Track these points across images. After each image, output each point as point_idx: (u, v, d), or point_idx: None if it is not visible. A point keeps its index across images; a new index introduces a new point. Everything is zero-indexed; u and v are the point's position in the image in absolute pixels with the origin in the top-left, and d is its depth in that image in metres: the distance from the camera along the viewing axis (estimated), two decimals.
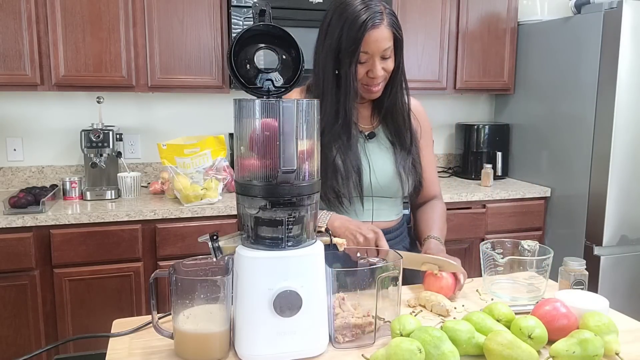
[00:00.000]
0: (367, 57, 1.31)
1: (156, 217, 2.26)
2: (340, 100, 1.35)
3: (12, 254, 2.11)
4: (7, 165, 2.66)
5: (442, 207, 1.57)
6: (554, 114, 2.83)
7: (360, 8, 1.28)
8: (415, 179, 1.47)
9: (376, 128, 1.47)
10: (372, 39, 1.28)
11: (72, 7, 2.34)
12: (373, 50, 1.29)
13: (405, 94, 1.43)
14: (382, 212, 1.45)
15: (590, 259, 2.53)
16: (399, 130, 1.44)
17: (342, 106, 1.35)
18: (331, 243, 1.03)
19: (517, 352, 0.89)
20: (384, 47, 1.30)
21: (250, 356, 0.94)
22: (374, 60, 1.31)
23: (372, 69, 1.32)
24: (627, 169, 2.53)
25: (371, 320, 1.02)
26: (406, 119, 1.44)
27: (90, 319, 2.24)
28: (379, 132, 1.46)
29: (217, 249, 0.95)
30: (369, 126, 1.46)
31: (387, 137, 1.46)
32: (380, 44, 1.29)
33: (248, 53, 0.97)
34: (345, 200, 1.38)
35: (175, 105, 2.86)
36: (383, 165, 1.43)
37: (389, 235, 1.43)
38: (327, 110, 1.35)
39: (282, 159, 0.90)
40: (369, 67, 1.32)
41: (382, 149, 1.45)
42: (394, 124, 1.44)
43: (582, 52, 2.62)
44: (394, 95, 1.41)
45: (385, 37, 1.29)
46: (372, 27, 1.27)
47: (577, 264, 1.22)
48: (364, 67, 1.33)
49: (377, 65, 1.31)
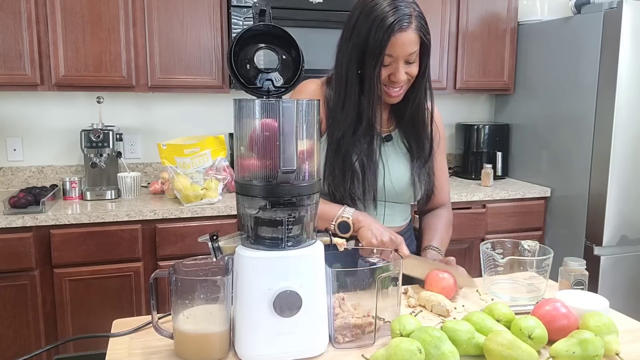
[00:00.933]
0: (391, 60, 1.27)
1: (156, 217, 2.26)
2: (362, 103, 1.32)
3: (12, 254, 2.11)
4: (7, 165, 2.66)
5: (448, 216, 1.55)
6: (554, 114, 2.83)
7: (389, 10, 1.23)
8: (429, 187, 1.45)
9: (393, 131, 1.43)
10: (398, 42, 1.24)
11: (72, 7, 2.34)
12: (398, 54, 1.26)
13: (429, 100, 1.39)
14: (392, 217, 1.44)
15: (590, 259, 2.53)
16: (418, 138, 1.41)
17: (365, 109, 1.32)
18: (331, 243, 1.02)
19: (517, 352, 0.89)
20: (410, 51, 1.26)
21: (250, 356, 0.94)
22: (398, 64, 1.27)
23: (395, 72, 1.28)
24: (627, 169, 2.53)
25: (371, 320, 1.02)
26: (427, 127, 1.41)
27: (90, 319, 2.24)
28: (395, 135, 1.43)
29: (217, 249, 0.95)
30: (385, 128, 1.43)
31: (404, 141, 1.43)
32: (407, 48, 1.25)
33: (248, 53, 0.97)
34: (359, 204, 1.36)
35: (175, 105, 2.86)
36: (398, 171, 1.41)
37: None
38: (349, 112, 1.32)
39: (282, 159, 0.90)
40: (392, 71, 1.29)
41: (397, 153, 1.42)
42: (414, 131, 1.41)
43: (582, 52, 2.62)
44: (418, 102, 1.37)
45: (412, 41, 1.25)
46: (400, 30, 1.23)
47: (577, 264, 1.22)
48: (386, 70, 1.29)
49: (400, 70, 1.28)
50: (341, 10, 2.60)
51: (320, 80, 1.43)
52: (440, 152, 1.52)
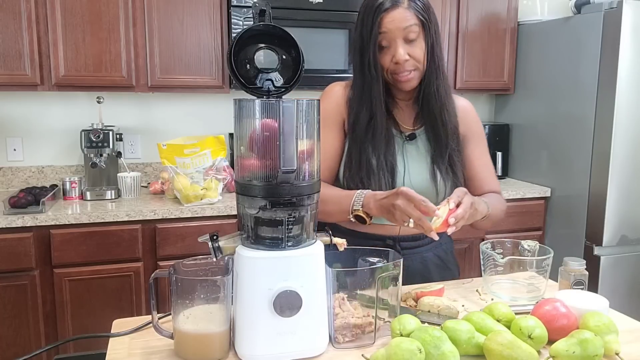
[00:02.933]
0: (388, 39, 1.25)
1: (156, 217, 2.26)
2: (366, 93, 1.30)
3: (12, 254, 2.11)
4: (7, 165, 2.66)
5: (499, 196, 1.45)
6: (554, 114, 2.83)
7: None
8: (456, 184, 1.37)
9: (418, 129, 1.39)
10: (388, 19, 1.23)
11: (72, 7, 2.34)
12: (391, 30, 1.23)
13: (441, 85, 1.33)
14: None
15: (590, 259, 2.53)
16: (434, 126, 1.35)
17: (368, 99, 1.30)
18: (331, 243, 1.03)
19: (517, 352, 0.89)
20: (403, 26, 1.23)
21: (250, 356, 0.94)
22: (396, 43, 1.24)
23: (395, 52, 1.25)
24: (627, 169, 2.53)
25: (371, 320, 1.02)
26: (443, 113, 1.34)
27: (90, 319, 2.24)
28: (420, 134, 1.39)
29: (217, 249, 0.95)
30: (410, 127, 1.39)
31: (429, 139, 1.39)
32: (399, 24, 1.23)
33: (248, 53, 0.97)
34: None
35: (175, 105, 2.86)
36: (419, 169, 1.37)
37: (416, 242, 1.40)
38: (360, 106, 1.31)
39: (282, 159, 0.90)
40: (392, 53, 1.26)
41: (420, 152, 1.38)
42: (430, 119, 1.36)
43: (582, 52, 2.62)
44: (427, 85, 1.32)
45: (403, 17, 1.23)
46: (390, 9, 1.22)
47: (577, 264, 1.22)
48: (387, 54, 1.27)
49: (399, 48, 1.24)
50: (341, 10, 2.60)
51: (345, 82, 1.42)
52: (477, 146, 1.46)
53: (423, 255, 1.42)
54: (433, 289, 1.20)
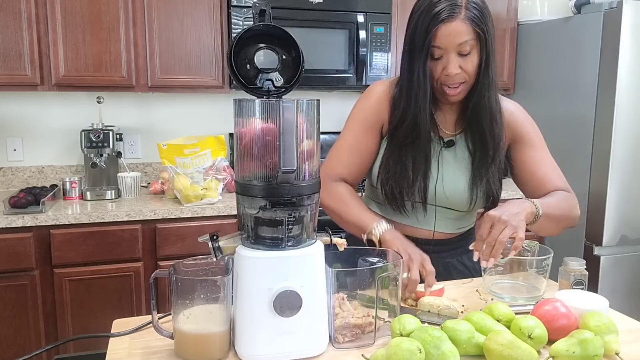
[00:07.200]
0: (441, 52, 1.22)
1: (156, 217, 2.26)
2: (411, 98, 1.27)
3: (12, 254, 2.11)
4: (7, 165, 2.66)
5: (563, 193, 1.36)
6: (554, 114, 2.83)
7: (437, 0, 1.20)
8: (488, 194, 1.36)
9: (457, 135, 1.36)
10: (444, 32, 1.19)
11: (72, 7, 2.34)
12: (446, 44, 1.20)
13: (492, 96, 1.28)
14: (443, 223, 1.38)
15: (590, 259, 2.53)
16: (482, 136, 1.31)
17: (413, 105, 1.27)
18: (331, 243, 1.02)
19: (517, 352, 0.89)
20: (458, 41, 1.19)
21: (250, 356, 0.94)
22: (449, 56, 1.21)
23: (447, 65, 1.21)
24: (627, 169, 2.53)
25: (371, 320, 1.02)
26: (493, 124, 1.30)
27: (90, 319, 2.25)
28: (459, 140, 1.36)
29: (217, 249, 0.95)
30: (451, 132, 1.36)
31: (468, 146, 1.35)
32: (454, 39, 1.19)
33: (248, 53, 0.97)
34: (407, 204, 1.33)
35: (175, 105, 2.86)
36: (454, 176, 1.34)
37: (445, 246, 1.41)
38: (405, 108, 1.29)
39: (282, 159, 0.90)
40: (444, 64, 1.22)
41: (457, 159, 1.35)
42: (478, 129, 1.31)
43: (582, 52, 2.62)
44: (478, 96, 1.28)
45: (460, 31, 1.18)
46: (446, 20, 1.18)
47: (577, 264, 1.22)
48: (439, 64, 1.23)
49: (452, 62, 1.21)
50: (341, 10, 2.60)
51: (389, 81, 1.39)
52: (532, 147, 1.39)
53: (446, 260, 1.43)
54: (433, 289, 1.20)
